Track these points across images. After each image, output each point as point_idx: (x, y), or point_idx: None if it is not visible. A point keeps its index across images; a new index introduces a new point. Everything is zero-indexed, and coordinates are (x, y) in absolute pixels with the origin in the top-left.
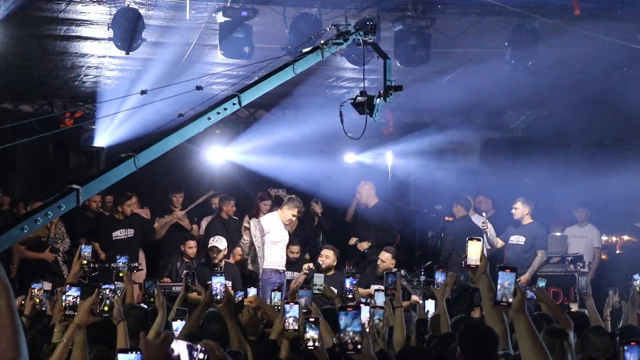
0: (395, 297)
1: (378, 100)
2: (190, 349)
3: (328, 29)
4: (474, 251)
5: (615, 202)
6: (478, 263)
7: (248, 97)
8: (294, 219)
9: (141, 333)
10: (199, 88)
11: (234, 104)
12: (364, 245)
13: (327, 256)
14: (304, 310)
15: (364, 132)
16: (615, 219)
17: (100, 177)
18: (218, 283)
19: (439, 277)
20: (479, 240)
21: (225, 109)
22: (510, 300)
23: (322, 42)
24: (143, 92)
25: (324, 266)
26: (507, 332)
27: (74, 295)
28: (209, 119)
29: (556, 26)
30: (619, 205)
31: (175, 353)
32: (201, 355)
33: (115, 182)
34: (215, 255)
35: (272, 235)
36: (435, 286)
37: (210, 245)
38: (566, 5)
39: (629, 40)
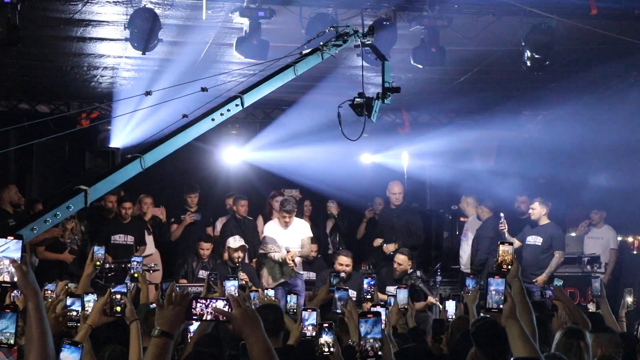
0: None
1: (376, 101)
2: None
3: (327, 30)
4: (506, 255)
5: (633, 202)
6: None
7: (250, 98)
8: (288, 222)
9: (156, 301)
10: (204, 89)
11: (236, 105)
12: (390, 248)
13: (347, 264)
14: (339, 311)
15: (362, 133)
16: (632, 219)
17: (107, 178)
18: (232, 287)
19: (470, 284)
20: (511, 244)
21: (228, 110)
22: (501, 306)
23: (321, 43)
24: (147, 93)
25: (345, 276)
26: (536, 333)
27: (76, 311)
28: (213, 120)
29: (573, 26)
30: (636, 205)
31: (197, 312)
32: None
33: (122, 182)
34: (233, 255)
35: (277, 242)
36: (466, 292)
37: (227, 245)
38: (583, 5)
39: None
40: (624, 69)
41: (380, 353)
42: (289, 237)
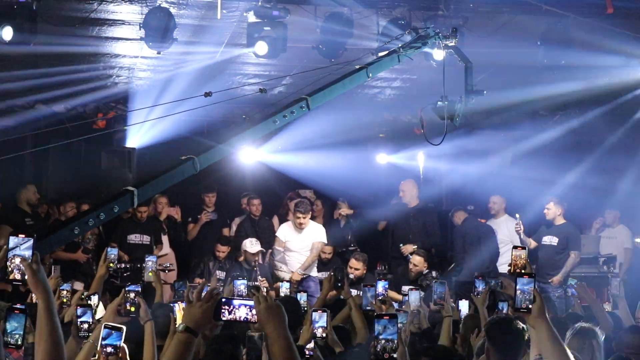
0: (445, 307)
1: (459, 105)
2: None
3: (407, 32)
4: (519, 260)
5: None
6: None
7: (317, 101)
8: (303, 223)
9: (186, 295)
10: (207, 95)
11: (301, 107)
12: (408, 249)
13: (357, 268)
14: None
15: (444, 137)
16: None
17: (156, 180)
18: (242, 285)
19: (479, 286)
20: (524, 248)
21: (292, 112)
22: (530, 306)
23: (400, 45)
24: (207, 94)
25: (354, 279)
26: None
27: (87, 322)
28: (275, 122)
29: (589, 24)
30: None
31: (229, 313)
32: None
33: (172, 184)
34: (250, 259)
35: (290, 244)
36: (476, 294)
37: (243, 248)
38: (599, 4)
39: None
40: None
41: (395, 355)
42: (302, 240)
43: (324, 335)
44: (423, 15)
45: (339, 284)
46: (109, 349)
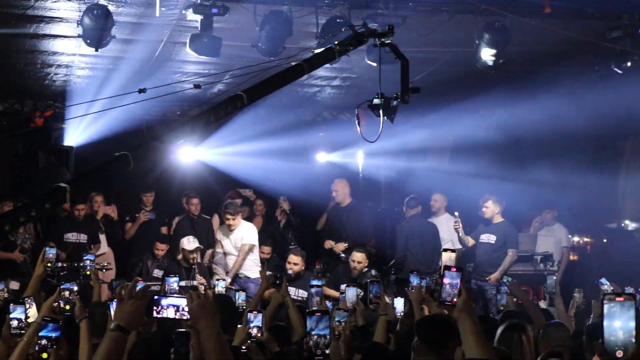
0: (380, 305)
1: (395, 102)
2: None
3: (343, 30)
4: (449, 264)
5: (588, 203)
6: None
7: (253, 98)
8: (232, 224)
9: (118, 293)
10: (141, 91)
11: (237, 104)
12: (340, 247)
13: (295, 263)
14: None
15: (379, 135)
16: (587, 220)
17: (89, 176)
18: (174, 283)
19: (414, 280)
20: (454, 251)
21: (228, 109)
22: (455, 300)
23: (336, 42)
24: (141, 91)
25: (292, 274)
26: None
27: (18, 319)
28: (210, 118)
29: (527, 24)
30: (591, 206)
31: (161, 309)
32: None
33: (106, 181)
34: (188, 256)
35: (223, 245)
36: (410, 289)
37: (181, 246)
38: (537, 4)
39: (598, 39)
40: (579, 68)
41: (327, 351)
42: (233, 241)
43: (259, 335)
44: (363, 13)
45: (277, 282)
46: (44, 342)
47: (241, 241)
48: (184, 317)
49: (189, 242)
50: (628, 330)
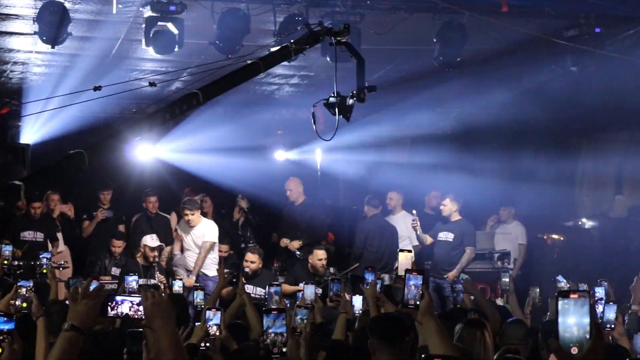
0: (341, 303)
1: (351, 101)
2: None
3: (299, 28)
4: (406, 264)
5: (545, 201)
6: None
7: (209, 95)
8: (190, 220)
9: (71, 293)
10: (96, 89)
11: (193, 101)
12: (294, 245)
13: (252, 261)
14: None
15: (335, 133)
16: (545, 217)
17: (42, 174)
18: (133, 282)
19: (369, 277)
20: (410, 251)
21: (183, 106)
22: (418, 302)
23: (292, 41)
24: (97, 88)
25: (249, 272)
26: None
27: None
28: (166, 116)
29: (484, 22)
30: (549, 204)
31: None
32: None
33: (60, 179)
34: (148, 254)
35: (184, 242)
36: (365, 285)
37: (143, 243)
38: (494, 2)
39: (555, 37)
40: (537, 66)
41: (284, 349)
42: (193, 238)
43: (218, 333)
44: (320, 11)
45: (235, 280)
46: None
47: (202, 238)
48: (137, 316)
49: (152, 240)
50: (582, 326)
